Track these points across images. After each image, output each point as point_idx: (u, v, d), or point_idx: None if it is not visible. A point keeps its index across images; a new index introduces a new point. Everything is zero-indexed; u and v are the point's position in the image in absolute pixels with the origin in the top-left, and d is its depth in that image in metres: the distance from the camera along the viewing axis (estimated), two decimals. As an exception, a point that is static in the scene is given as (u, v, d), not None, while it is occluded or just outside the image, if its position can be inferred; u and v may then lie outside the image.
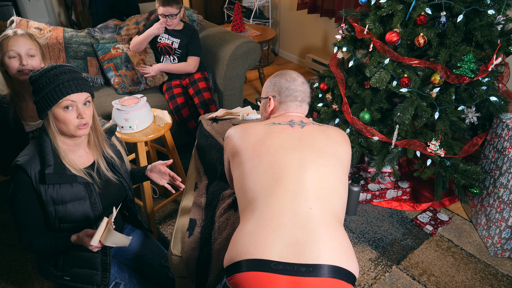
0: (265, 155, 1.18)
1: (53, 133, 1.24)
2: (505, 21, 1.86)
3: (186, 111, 2.51)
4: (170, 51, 2.63)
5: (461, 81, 1.87)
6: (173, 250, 1.42)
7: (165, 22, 2.49)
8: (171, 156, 2.11)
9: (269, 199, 1.09)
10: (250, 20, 4.27)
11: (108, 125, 1.45)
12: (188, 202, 1.63)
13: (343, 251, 1.04)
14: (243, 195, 1.17)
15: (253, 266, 1.01)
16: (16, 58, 1.51)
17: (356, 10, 2.21)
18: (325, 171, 1.15)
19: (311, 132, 1.24)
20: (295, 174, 1.13)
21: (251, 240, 1.04)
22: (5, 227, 2.21)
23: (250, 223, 1.08)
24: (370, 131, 2.09)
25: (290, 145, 1.19)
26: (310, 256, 1.00)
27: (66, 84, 1.19)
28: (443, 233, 2.15)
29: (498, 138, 1.98)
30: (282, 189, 1.10)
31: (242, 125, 1.33)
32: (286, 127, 1.26)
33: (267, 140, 1.21)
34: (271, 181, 1.13)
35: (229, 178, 1.44)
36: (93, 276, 1.36)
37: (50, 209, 1.25)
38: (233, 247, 1.08)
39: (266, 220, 1.06)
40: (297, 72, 1.42)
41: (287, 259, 1.00)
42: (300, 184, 1.11)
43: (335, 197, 1.13)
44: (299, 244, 1.01)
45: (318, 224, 1.05)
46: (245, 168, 1.19)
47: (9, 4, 3.77)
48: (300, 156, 1.16)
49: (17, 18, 2.37)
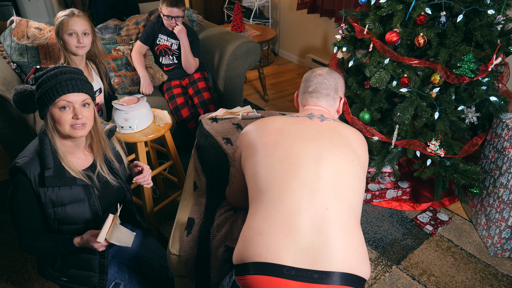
0: (281, 144, 1.14)
1: (52, 134, 1.23)
2: (505, 21, 1.86)
3: (186, 111, 2.51)
4: (169, 52, 2.63)
5: (461, 81, 1.87)
6: (171, 249, 1.42)
7: (168, 23, 2.46)
8: (171, 156, 2.11)
9: (284, 194, 1.06)
10: (250, 20, 4.27)
11: (108, 127, 1.45)
12: (188, 201, 1.63)
13: (357, 256, 1.02)
14: (255, 184, 1.13)
15: (265, 270, 0.99)
16: (74, 36, 1.83)
17: (356, 10, 2.21)
18: (343, 165, 1.11)
19: (330, 126, 1.21)
20: (312, 165, 1.09)
21: (264, 242, 1.01)
22: (5, 227, 2.21)
23: (263, 220, 1.05)
24: (370, 131, 2.09)
25: (308, 136, 1.16)
26: (323, 262, 0.98)
27: (63, 84, 1.18)
28: (443, 233, 2.15)
29: (498, 138, 1.98)
30: (298, 183, 1.07)
31: (260, 120, 1.29)
32: (305, 119, 1.23)
33: (284, 130, 1.18)
34: (287, 171, 1.09)
35: (236, 180, 1.37)
36: (91, 278, 1.36)
37: (49, 211, 1.25)
38: (244, 245, 1.05)
39: (280, 220, 1.03)
40: (325, 68, 1.40)
41: (300, 265, 0.98)
42: (317, 178, 1.07)
43: (351, 193, 1.10)
44: (313, 250, 0.99)
45: (334, 228, 1.02)
46: (258, 157, 1.15)
47: (9, 4, 3.77)
48: (318, 147, 1.13)
49: (17, 18, 2.37)
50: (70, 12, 1.83)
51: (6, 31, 2.35)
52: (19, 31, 2.35)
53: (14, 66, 2.37)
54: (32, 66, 2.39)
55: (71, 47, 1.86)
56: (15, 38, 2.33)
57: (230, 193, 1.47)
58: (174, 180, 2.26)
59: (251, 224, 1.07)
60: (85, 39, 1.86)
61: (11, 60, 2.36)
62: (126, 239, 1.20)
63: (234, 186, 1.41)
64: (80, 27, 1.83)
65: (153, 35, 2.60)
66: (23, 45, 2.35)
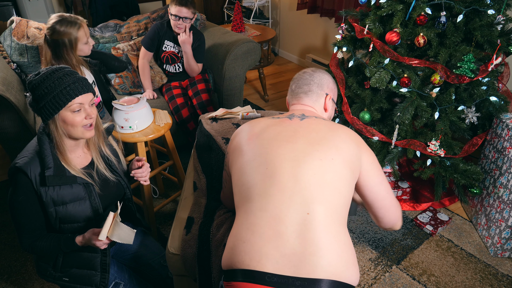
0: (258, 148, 1.12)
1: (60, 136, 1.22)
2: (505, 21, 1.86)
3: (185, 111, 2.51)
4: (176, 59, 2.58)
5: (461, 81, 1.87)
6: (170, 248, 1.42)
7: (175, 24, 2.37)
8: (171, 156, 2.11)
9: (264, 202, 1.04)
10: (250, 20, 4.27)
11: (105, 126, 1.45)
12: (187, 201, 1.63)
13: (343, 262, 0.99)
14: (238, 191, 1.13)
15: (248, 277, 0.99)
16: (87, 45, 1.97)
17: (356, 10, 2.21)
18: (321, 165, 1.06)
19: (309, 125, 1.15)
20: (289, 169, 1.05)
21: (246, 250, 1.01)
22: (5, 227, 2.21)
23: (245, 228, 1.04)
24: (370, 131, 2.09)
25: (283, 137, 1.12)
26: (306, 269, 0.96)
27: (73, 86, 1.18)
28: (443, 233, 2.15)
29: (498, 138, 1.98)
30: (277, 189, 1.04)
31: (248, 122, 1.26)
32: (284, 120, 1.19)
33: (262, 133, 1.15)
34: (264, 177, 1.06)
35: (228, 184, 1.34)
36: (92, 277, 1.36)
37: (51, 210, 1.25)
38: (229, 252, 1.05)
39: (261, 227, 1.01)
40: (314, 68, 1.36)
41: (282, 272, 0.97)
42: (295, 182, 1.04)
43: (333, 194, 1.04)
44: (296, 256, 0.97)
45: (317, 233, 0.99)
46: (239, 162, 1.14)
47: (9, 4, 3.77)
48: (293, 149, 1.08)
49: (17, 18, 2.37)
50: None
51: (6, 31, 2.35)
52: (19, 31, 2.35)
53: (14, 66, 2.37)
54: (32, 66, 2.39)
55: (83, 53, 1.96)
56: (15, 38, 2.33)
57: (224, 197, 1.46)
58: (174, 180, 2.26)
59: (235, 232, 1.07)
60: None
61: (11, 60, 2.36)
62: (127, 237, 1.20)
63: (226, 190, 1.39)
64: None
65: (157, 40, 2.52)
66: (23, 45, 2.35)
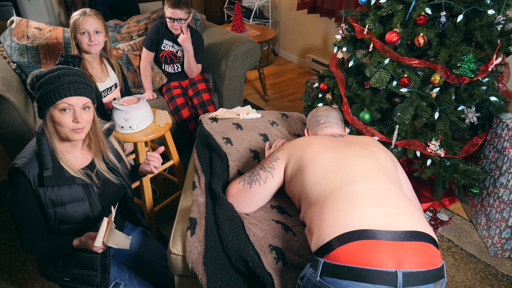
0: (326, 151, 1.34)
1: (50, 134, 1.23)
2: (505, 21, 1.86)
3: (186, 111, 2.51)
4: (174, 59, 2.58)
5: (461, 81, 1.87)
6: (172, 249, 1.42)
7: (171, 26, 2.40)
8: (171, 156, 2.11)
9: (347, 187, 1.20)
10: (250, 20, 4.27)
11: (106, 126, 1.45)
12: (187, 201, 1.63)
13: (426, 222, 1.15)
14: (315, 189, 1.27)
15: (357, 236, 1.05)
16: (86, 35, 1.89)
17: (356, 10, 2.21)
18: (380, 160, 1.32)
19: (352, 138, 1.45)
20: (359, 160, 1.29)
21: (347, 215, 1.11)
22: (5, 227, 2.21)
23: (337, 204, 1.16)
24: (370, 131, 2.09)
25: (342, 144, 1.38)
26: (403, 224, 1.08)
27: (66, 87, 1.18)
28: (443, 233, 2.15)
29: (498, 138, 1.98)
30: (355, 175, 1.23)
31: (296, 140, 1.47)
32: (330, 138, 1.45)
33: (323, 143, 1.39)
34: (340, 169, 1.27)
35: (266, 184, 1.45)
36: (93, 277, 1.36)
37: (50, 211, 1.25)
38: (326, 228, 1.12)
39: (354, 199, 1.15)
40: (325, 105, 1.69)
41: (385, 228, 1.07)
42: (369, 170, 1.26)
43: (398, 180, 1.29)
44: (391, 216, 1.10)
45: (400, 200, 1.17)
46: (312, 167, 1.32)
47: (9, 4, 3.77)
48: (356, 150, 1.34)
49: (17, 18, 2.37)
50: (82, 12, 1.90)
51: (6, 31, 2.35)
52: (19, 31, 2.35)
53: (14, 66, 2.37)
54: (32, 66, 2.39)
55: (83, 45, 1.92)
56: (15, 38, 2.33)
57: (248, 193, 1.46)
58: (174, 180, 2.26)
59: (324, 214, 1.16)
60: (96, 37, 1.91)
61: (11, 60, 2.36)
62: (123, 242, 1.19)
63: (259, 189, 1.44)
64: (92, 26, 1.88)
65: (157, 40, 2.53)
66: (23, 45, 2.35)
